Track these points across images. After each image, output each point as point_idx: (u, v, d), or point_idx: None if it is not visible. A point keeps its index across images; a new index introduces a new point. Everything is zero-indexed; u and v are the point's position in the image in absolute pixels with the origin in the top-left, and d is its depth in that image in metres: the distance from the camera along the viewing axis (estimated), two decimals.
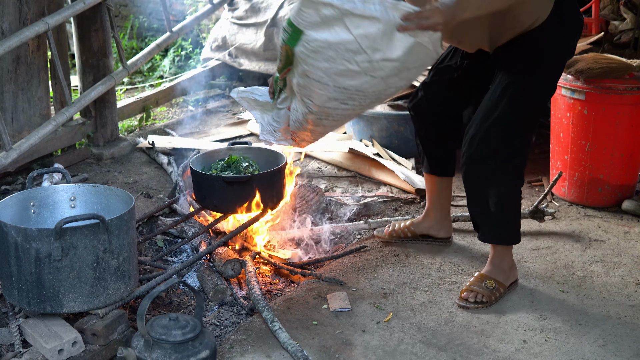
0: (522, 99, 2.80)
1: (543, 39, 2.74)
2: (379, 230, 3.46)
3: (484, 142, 2.82)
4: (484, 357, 2.58)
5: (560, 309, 2.88)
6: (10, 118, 3.89)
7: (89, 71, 4.37)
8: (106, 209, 2.77)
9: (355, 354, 2.59)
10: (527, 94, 2.81)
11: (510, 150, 2.83)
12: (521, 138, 2.85)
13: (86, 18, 4.25)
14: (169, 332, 2.38)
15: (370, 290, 3.01)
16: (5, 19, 3.73)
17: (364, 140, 4.51)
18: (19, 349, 2.49)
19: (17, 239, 2.42)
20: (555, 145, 3.90)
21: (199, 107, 5.69)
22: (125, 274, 2.56)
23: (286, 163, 3.30)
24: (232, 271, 3.13)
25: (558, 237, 3.49)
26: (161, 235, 3.53)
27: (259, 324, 2.75)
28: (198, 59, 6.57)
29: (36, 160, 4.13)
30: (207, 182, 3.19)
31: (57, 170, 3.02)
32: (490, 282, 2.92)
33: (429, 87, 3.16)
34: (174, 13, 6.92)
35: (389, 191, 4.05)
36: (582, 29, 2.87)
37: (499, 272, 2.97)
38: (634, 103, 3.65)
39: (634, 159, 3.79)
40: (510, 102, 2.79)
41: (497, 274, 2.96)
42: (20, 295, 2.49)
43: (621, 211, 3.76)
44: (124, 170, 4.34)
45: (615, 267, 3.20)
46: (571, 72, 3.67)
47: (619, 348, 2.63)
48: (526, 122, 2.85)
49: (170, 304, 3.05)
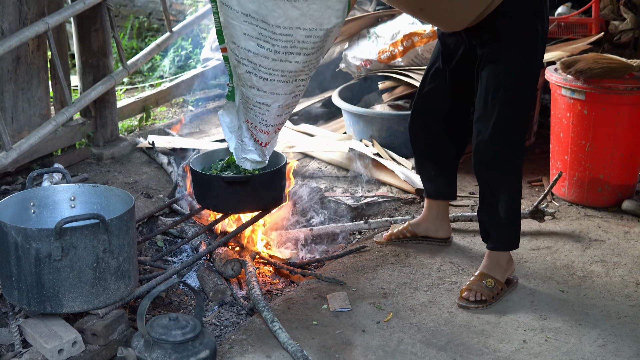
0: (514, 90, 2.82)
1: (511, 10, 2.75)
2: (378, 235, 3.47)
3: (489, 145, 2.87)
4: (484, 357, 2.58)
5: (560, 309, 2.88)
6: (10, 118, 3.89)
7: (89, 71, 4.38)
8: (106, 209, 2.77)
9: (355, 354, 2.59)
10: (515, 80, 2.82)
11: (515, 148, 2.90)
12: (520, 135, 2.91)
13: (86, 18, 4.25)
14: (169, 332, 2.38)
15: (370, 290, 3.01)
16: (5, 19, 3.73)
17: (364, 140, 4.51)
18: (19, 349, 2.49)
19: (17, 239, 2.42)
20: (555, 145, 3.90)
21: (199, 107, 5.69)
22: (125, 274, 2.56)
23: (286, 163, 3.30)
24: (232, 271, 3.13)
25: (558, 237, 3.49)
26: (161, 235, 3.53)
27: (259, 324, 2.75)
28: (198, 59, 6.57)
29: (36, 160, 4.13)
30: (207, 182, 3.19)
31: (57, 170, 3.02)
32: (489, 281, 2.92)
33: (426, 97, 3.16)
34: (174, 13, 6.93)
35: (389, 191, 4.05)
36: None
37: (497, 268, 2.98)
38: (634, 103, 3.66)
39: (634, 159, 3.79)
40: (504, 97, 2.82)
41: (496, 271, 2.97)
42: (20, 295, 2.49)
43: (621, 211, 3.76)
44: (124, 170, 4.34)
45: (615, 267, 3.20)
46: (571, 72, 3.67)
47: (619, 348, 2.63)
48: (523, 112, 2.88)
49: (170, 304, 3.05)
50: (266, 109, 2.88)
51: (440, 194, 3.30)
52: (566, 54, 4.16)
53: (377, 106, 4.71)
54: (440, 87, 3.10)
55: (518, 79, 2.83)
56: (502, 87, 2.82)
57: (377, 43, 4.82)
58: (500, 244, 3.01)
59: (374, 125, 4.46)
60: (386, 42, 4.76)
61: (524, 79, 2.84)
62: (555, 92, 3.83)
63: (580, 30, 4.73)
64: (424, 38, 4.62)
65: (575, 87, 3.68)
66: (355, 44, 5.00)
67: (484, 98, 2.86)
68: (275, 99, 2.84)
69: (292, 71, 2.73)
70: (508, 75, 2.82)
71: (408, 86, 4.64)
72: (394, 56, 4.71)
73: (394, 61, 4.73)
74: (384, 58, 4.75)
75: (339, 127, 4.98)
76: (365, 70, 4.91)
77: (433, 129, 3.17)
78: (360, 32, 5.03)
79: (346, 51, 5.04)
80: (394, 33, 4.74)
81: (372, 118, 4.46)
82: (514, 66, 2.82)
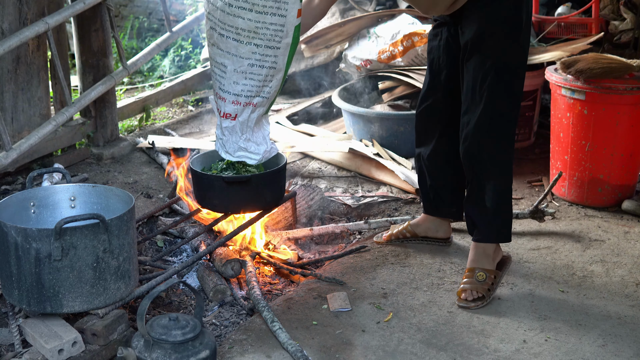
0: (500, 79, 2.82)
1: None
2: (378, 236, 3.47)
3: (476, 135, 2.87)
4: (484, 357, 2.58)
5: (560, 309, 2.88)
6: (10, 118, 3.89)
7: (89, 71, 4.38)
8: (106, 209, 2.77)
9: (355, 354, 2.59)
10: (501, 69, 2.82)
11: (503, 138, 2.90)
12: (509, 125, 2.91)
13: (86, 18, 4.25)
14: (169, 332, 2.38)
15: (370, 290, 3.01)
16: (5, 19, 3.73)
17: (364, 140, 4.51)
18: (19, 349, 2.49)
19: (17, 239, 2.42)
20: (555, 145, 3.90)
21: (199, 107, 5.69)
22: (125, 274, 2.56)
23: (286, 163, 3.30)
24: (232, 271, 3.13)
25: (558, 237, 3.49)
26: (161, 235, 3.54)
27: (259, 324, 2.75)
28: (198, 59, 6.58)
29: (36, 160, 4.13)
30: (207, 182, 3.19)
31: (57, 170, 3.02)
32: (480, 275, 2.92)
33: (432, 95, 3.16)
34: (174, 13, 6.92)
35: (389, 191, 4.05)
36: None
37: (484, 258, 2.98)
38: (634, 103, 3.66)
39: (634, 159, 3.79)
40: (490, 86, 2.83)
41: (483, 262, 2.97)
42: (20, 295, 2.49)
43: (621, 211, 3.76)
44: (124, 170, 4.34)
45: (615, 267, 3.20)
46: (571, 72, 3.67)
47: (619, 348, 2.63)
48: (511, 101, 2.88)
49: (170, 304, 3.05)
50: (223, 70, 2.94)
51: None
52: (566, 54, 4.16)
53: (377, 106, 4.71)
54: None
55: (504, 68, 2.83)
56: (488, 76, 2.82)
57: (377, 43, 4.82)
58: (485, 236, 3.00)
59: (374, 125, 4.46)
60: (386, 42, 4.76)
61: (510, 68, 2.84)
62: (555, 92, 3.84)
63: (580, 30, 4.74)
64: (424, 38, 4.62)
65: (575, 87, 3.68)
66: (355, 44, 5.00)
67: (472, 88, 2.87)
68: (231, 61, 2.89)
69: (245, 29, 2.80)
70: (493, 64, 2.82)
71: (408, 86, 4.64)
72: (394, 56, 4.71)
73: (394, 61, 4.73)
74: (384, 58, 4.75)
75: (339, 127, 4.98)
76: (365, 70, 4.91)
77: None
78: (360, 32, 5.04)
79: (346, 51, 5.04)
80: (394, 33, 4.74)
81: (372, 118, 4.46)
82: (498, 55, 2.82)
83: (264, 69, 2.91)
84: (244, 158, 3.13)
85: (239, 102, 3.00)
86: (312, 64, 5.66)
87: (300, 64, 5.67)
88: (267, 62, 2.89)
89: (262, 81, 2.94)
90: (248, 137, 3.08)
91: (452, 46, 3.02)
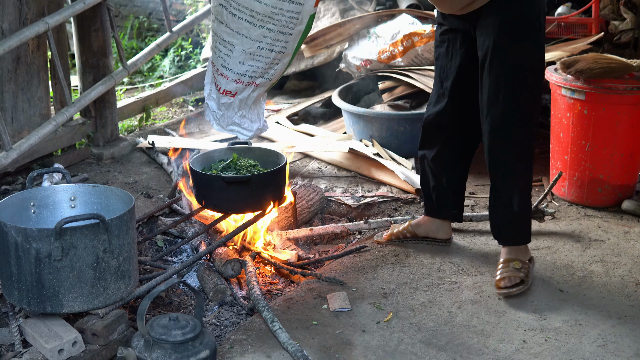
0: (525, 84, 2.84)
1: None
2: (378, 235, 3.47)
3: (503, 143, 2.92)
4: (484, 357, 2.58)
5: (560, 309, 2.88)
6: (10, 118, 3.89)
7: (89, 71, 4.38)
8: (106, 209, 2.77)
9: (355, 354, 2.59)
10: (521, 68, 2.83)
11: (526, 136, 2.94)
12: (531, 123, 2.94)
13: (86, 18, 4.25)
14: (169, 332, 2.38)
15: (370, 290, 3.01)
16: (5, 19, 3.73)
17: (364, 140, 4.51)
18: (19, 349, 2.49)
19: (17, 239, 2.42)
20: (555, 145, 3.90)
21: (199, 107, 5.69)
22: (125, 274, 2.56)
23: (287, 163, 3.30)
24: (232, 271, 3.13)
25: (558, 237, 3.49)
26: (161, 235, 3.54)
27: (259, 324, 2.75)
28: (198, 59, 6.58)
29: (36, 160, 4.13)
30: (207, 182, 3.19)
31: (57, 170, 3.02)
32: (516, 263, 3.00)
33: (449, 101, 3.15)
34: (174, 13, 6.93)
35: (389, 191, 4.05)
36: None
37: (516, 251, 3.06)
38: (634, 103, 3.65)
39: (634, 159, 3.79)
40: (514, 91, 2.84)
41: (518, 254, 3.05)
42: (20, 295, 2.49)
43: (621, 211, 3.76)
44: (124, 170, 4.35)
45: (615, 267, 3.20)
46: (571, 72, 3.67)
47: (619, 348, 2.63)
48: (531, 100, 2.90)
49: (170, 304, 3.05)
50: (230, 49, 2.90)
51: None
52: (566, 54, 4.16)
53: (377, 106, 4.71)
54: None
55: (526, 69, 2.84)
56: (511, 79, 2.83)
57: (377, 43, 4.82)
58: (513, 240, 3.08)
59: (374, 125, 4.46)
60: (386, 42, 4.76)
61: (531, 69, 2.86)
62: (555, 92, 3.83)
63: (580, 30, 4.73)
64: (424, 38, 4.62)
65: (575, 87, 3.68)
66: (355, 44, 5.00)
67: (494, 92, 2.87)
68: (240, 41, 2.86)
69: (260, 13, 2.77)
70: (514, 66, 2.83)
71: (408, 86, 4.64)
72: (394, 56, 4.71)
73: (394, 61, 4.73)
74: (384, 58, 4.75)
75: (339, 127, 4.98)
76: (365, 70, 4.91)
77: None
78: (360, 32, 5.04)
79: (346, 51, 5.04)
80: (394, 33, 4.74)
81: (372, 118, 4.46)
82: (519, 57, 2.83)
83: (273, 52, 2.89)
84: (236, 133, 3.14)
85: (241, 81, 2.98)
86: (312, 64, 5.66)
87: (300, 64, 5.67)
88: (277, 46, 2.87)
89: (268, 64, 2.92)
90: (244, 113, 3.08)
91: (460, 53, 3.01)
